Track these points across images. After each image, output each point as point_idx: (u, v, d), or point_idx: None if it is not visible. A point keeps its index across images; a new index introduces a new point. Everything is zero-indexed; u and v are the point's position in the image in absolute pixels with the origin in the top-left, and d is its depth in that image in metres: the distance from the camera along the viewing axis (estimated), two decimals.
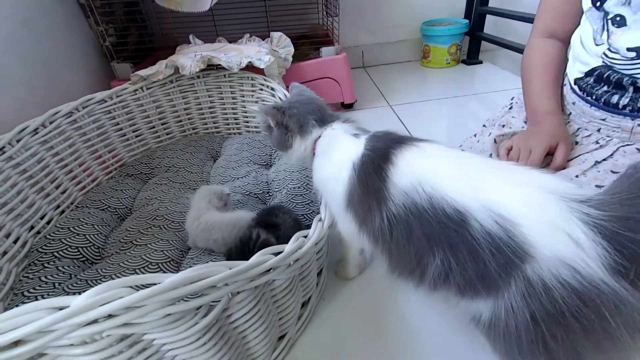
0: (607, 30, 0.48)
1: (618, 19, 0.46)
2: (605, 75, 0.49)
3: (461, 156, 0.37)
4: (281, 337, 0.49)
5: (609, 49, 0.48)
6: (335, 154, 0.46)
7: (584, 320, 0.26)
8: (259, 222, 0.55)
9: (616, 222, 0.26)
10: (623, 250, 0.25)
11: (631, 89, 0.47)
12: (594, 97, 0.51)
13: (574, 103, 0.56)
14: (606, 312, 0.25)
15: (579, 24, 0.56)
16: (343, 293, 0.58)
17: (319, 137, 0.49)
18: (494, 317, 0.31)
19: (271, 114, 0.50)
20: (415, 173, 0.35)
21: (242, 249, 0.50)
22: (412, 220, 0.34)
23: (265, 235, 0.51)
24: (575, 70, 0.54)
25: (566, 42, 0.59)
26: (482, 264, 0.30)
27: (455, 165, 0.35)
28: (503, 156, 0.54)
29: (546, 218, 0.28)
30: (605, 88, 0.50)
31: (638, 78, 0.46)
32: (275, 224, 0.54)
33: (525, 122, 0.61)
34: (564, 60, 0.60)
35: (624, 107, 0.48)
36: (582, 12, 0.53)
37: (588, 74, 0.52)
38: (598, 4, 0.48)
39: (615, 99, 0.49)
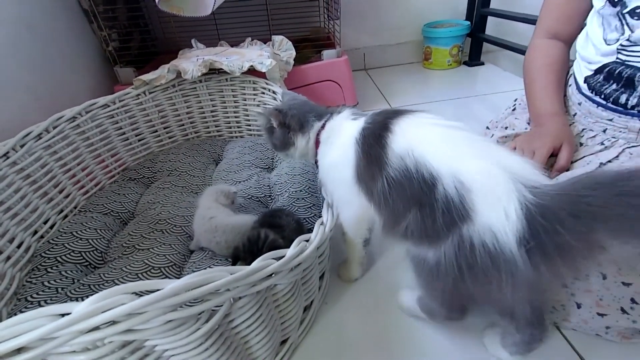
0: (627, 24, 0.47)
1: (638, 10, 0.45)
2: (616, 72, 0.48)
3: (450, 126, 0.40)
4: (283, 342, 0.49)
5: (623, 44, 0.47)
6: (339, 138, 0.49)
7: (487, 275, 0.32)
8: (262, 224, 0.55)
9: (539, 209, 0.30)
10: (531, 230, 0.30)
11: None
12: (602, 96, 0.51)
13: (579, 103, 0.55)
14: (504, 273, 0.31)
15: (582, 26, 0.55)
16: (345, 297, 0.58)
17: (321, 128, 0.52)
18: (435, 263, 0.36)
19: (274, 115, 0.53)
20: (408, 139, 0.39)
21: (250, 248, 0.50)
22: (404, 182, 0.37)
23: (273, 235, 0.51)
24: (583, 68, 0.54)
25: (569, 44, 0.59)
26: (434, 220, 0.35)
27: (442, 135, 0.39)
28: None
29: (493, 191, 0.32)
30: (614, 86, 0.49)
31: None
32: (279, 225, 0.55)
33: (529, 124, 0.61)
34: (567, 61, 0.59)
35: (633, 107, 0.47)
36: (586, 13, 0.53)
37: (598, 71, 0.51)
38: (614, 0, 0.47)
39: (623, 98, 0.48)
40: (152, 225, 0.64)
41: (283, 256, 0.39)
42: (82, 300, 0.27)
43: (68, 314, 0.26)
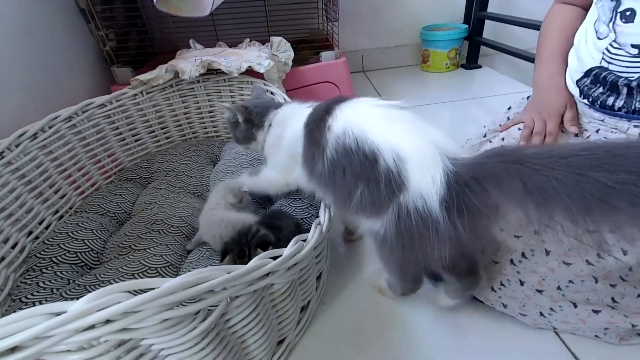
0: (614, 23, 0.47)
1: (628, 13, 0.45)
2: (601, 77, 0.49)
3: (386, 106, 0.43)
4: (280, 342, 0.49)
5: (611, 44, 0.48)
6: (292, 122, 0.54)
7: (422, 236, 0.37)
8: (261, 224, 0.55)
9: (454, 175, 0.35)
10: (449, 192, 0.35)
11: (625, 90, 0.47)
12: (590, 99, 0.51)
13: (575, 103, 0.56)
14: (432, 231, 0.36)
15: None
16: (342, 297, 0.58)
17: (275, 115, 0.58)
18: (382, 232, 0.40)
19: (240, 111, 0.59)
20: (347, 120, 0.42)
21: (239, 240, 0.50)
22: (345, 160, 0.41)
23: (265, 231, 0.51)
24: (574, 70, 0.55)
25: (587, 9, 0.57)
26: (379, 192, 0.38)
27: (378, 114, 0.42)
28: (523, 136, 0.54)
29: (424, 163, 0.37)
30: (601, 89, 0.50)
31: (633, 79, 0.46)
32: (278, 226, 0.54)
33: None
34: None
35: (620, 109, 0.48)
36: None
37: (586, 74, 0.52)
38: None
39: (610, 101, 0.49)
40: (149, 225, 0.64)
41: (280, 255, 0.39)
42: (73, 300, 0.27)
43: (63, 312, 0.26)
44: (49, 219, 0.65)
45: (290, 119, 0.55)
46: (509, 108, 0.68)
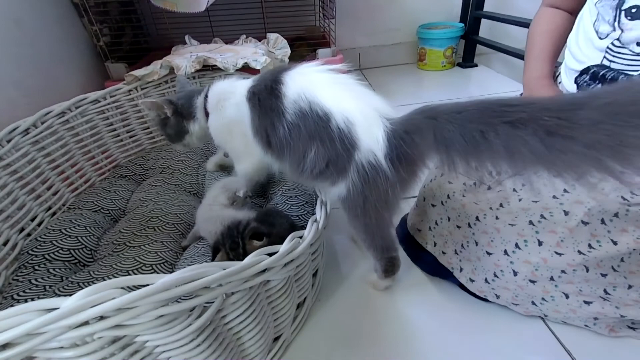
0: (619, 22, 0.47)
1: (634, 10, 0.45)
2: (600, 74, 0.49)
3: (331, 71, 0.47)
4: (276, 339, 0.48)
5: (613, 43, 0.48)
6: (229, 100, 0.55)
7: (376, 185, 0.42)
8: (255, 220, 0.54)
9: (392, 132, 0.41)
10: (390, 146, 0.41)
11: None
12: None
13: None
14: (382, 180, 0.41)
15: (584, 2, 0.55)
16: (338, 294, 0.58)
17: (205, 99, 0.57)
18: (347, 193, 0.45)
19: (166, 104, 0.58)
20: (299, 85, 0.46)
21: (230, 233, 0.50)
22: (301, 123, 0.44)
23: (256, 224, 0.51)
24: (570, 68, 0.55)
25: (573, 14, 0.59)
26: (336, 151, 0.43)
27: (326, 79, 0.46)
28: None
29: (368, 124, 0.42)
30: (599, 86, 0.50)
31: (634, 75, 0.46)
32: (271, 223, 0.54)
33: None
34: (569, 29, 0.59)
35: None
36: None
37: (584, 71, 0.52)
38: None
39: None
40: (144, 222, 0.63)
41: (276, 252, 0.39)
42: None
43: (56, 308, 0.26)
44: (41, 215, 0.64)
45: (226, 100, 0.55)
46: None
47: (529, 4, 1.56)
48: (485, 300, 0.52)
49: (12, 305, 0.47)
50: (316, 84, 0.45)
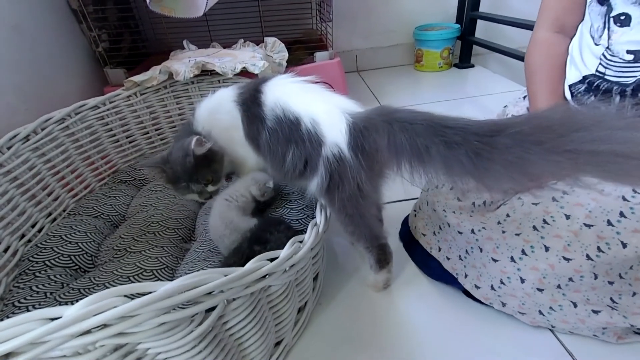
0: (609, 29, 0.47)
1: (622, 17, 0.45)
2: (594, 85, 0.49)
3: (303, 82, 0.53)
4: (277, 343, 0.49)
5: (606, 51, 0.48)
6: (220, 109, 0.58)
7: (340, 174, 0.46)
8: (251, 238, 0.53)
9: (354, 125, 0.46)
10: (352, 138, 0.45)
11: (617, 98, 0.47)
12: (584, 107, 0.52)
13: None
14: (344, 170, 0.46)
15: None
16: (339, 298, 0.58)
17: (202, 127, 0.58)
18: (320, 184, 0.49)
19: (199, 136, 0.54)
20: (275, 94, 0.51)
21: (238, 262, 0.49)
22: (278, 128, 0.50)
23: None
24: (571, 75, 0.54)
25: (572, 36, 0.56)
26: (308, 150, 0.48)
27: (297, 88, 0.52)
28: None
29: (332, 121, 0.47)
30: (592, 98, 0.50)
31: (628, 85, 0.46)
32: (266, 240, 0.52)
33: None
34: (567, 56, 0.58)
35: None
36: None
37: (581, 80, 0.52)
38: None
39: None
40: (144, 227, 0.63)
41: (277, 257, 0.39)
42: (72, 304, 0.27)
43: (59, 317, 0.26)
44: (42, 222, 0.64)
45: (217, 112, 0.58)
46: (505, 106, 0.68)
47: (524, 4, 1.58)
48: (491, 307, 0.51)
49: (13, 313, 0.48)
50: (288, 93, 0.51)
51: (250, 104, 0.54)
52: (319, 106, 0.49)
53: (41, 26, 0.94)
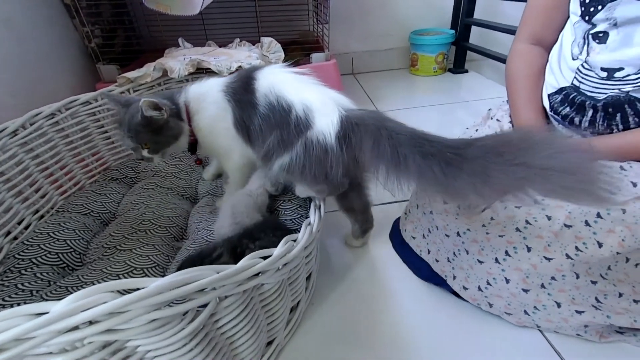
0: (588, 45, 0.49)
1: (601, 35, 0.47)
2: (570, 97, 0.51)
3: (297, 72, 0.54)
4: (269, 343, 0.48)
5: (582, 65, 0.49)
6: (207, 98, 0.58)
7: (321, 159, 0.49)
8: (241, 236, 0.51)
9: (346, 118, 0.48)
10: (342, 128, 0.48)
11: (590, 112, 0.49)
12: (560, 116, 0.53)
13: (549, 119, 0.57)
14: (328, 156, 0.48)
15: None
16: (332, 298, 0.58)
17: (186, 104, 0.58)
18: (289, 162, 0.51)
19: (165, 106, 0.55)
20: (269, 81, 0.53)
21: (197, 262, 0.47)
22: (271, 114, 0.51)
23: (227, 258, 0.48)
24: (548, 85, 0.56)
25: (549, 50, 0.59)
26: (288, 132, 0.50)
27: (292, 78, 0.54)
28: None
29: (325, 110, 0.49)
30: (568, 109, 0.51)
31: (600, 100, 0.47)
32: (257, 238, 0.51)
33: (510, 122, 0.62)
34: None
35: (586, 128, 0.50)
36: (566, 22, 0.54)
37: (558, 91, 0.53)
38: (587, 17, 0.48)
39: (577, 120, 0.50)
40: (135, 225, 0.62)
41: (270, 255, 0.39)
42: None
43: (45, 313, 0.25)
44: (28, 218, 0.63)
45: (204, 100, 0.58)
46: (489, 109, 0.70)
47: (517, 11, 1.60)
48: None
49: None
50: (283, 81, 0.53)
51: (242, 92, 0.55)
52: (315, 96, 0.51)
53: (33, 20, 0.92)
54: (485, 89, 1.43)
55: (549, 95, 0.55)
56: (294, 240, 0.44)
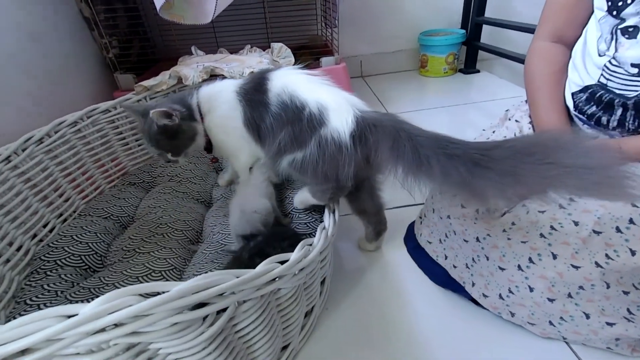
0: (616, 40, 0.47)
1: (631, 29, 0.45)
2: (597, 95, 0.49)
3: (310, 74, 0.55)
4: (284, 347, 0.49)
5: (610, 62, 0.47)
6: (219, 99, 0.60)
7: (334, 157, 0.49)
8: (253, 248, 0.52)
9: (361, 119, 0.49)
10: (358, 128, 0.49)
11: (620, 110, 0.47)
12: (585, 116, 0.51)
13: (572, 118, 0.56)
14: (343, 153, 0.49)
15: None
16: (346, 302, 0.58)
17: (199, 104, 0.60)
18: (302, 159, 0.52)
19: (175, 110, 0.56)
20: (282, 81, 0.54)
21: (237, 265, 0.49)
22: (283, 112, 0.52)
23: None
24: (572, 83, 0.54)
25: (571, 48, 0.56)
26: (301, 130, 0.51)
27: (305, 78, 0.54)
28: None
29: (340, 110, 0.50)
30: (594, 108, 0.50)
31: (630, 98, 0.45)
32: (267, 255, 0.52)
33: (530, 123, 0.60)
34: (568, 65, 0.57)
35: (614, 128, 0.48)
36: (589, 19, 0.52)
37: (583, 90, 0.51)
38: (615, 12, 0.46)
39: (605, 119, 0.49)
40: (153, 229, 0.64)
41: (287, 260, 0.40)
42: (83, 303, 0.27)
43: (75, 315, 0.27)
44: (53, 222, 0.65)
45: (216, 100, 0.60)
46: (507, 110, 0.68)
47: (529, 9, 1.58)
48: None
49: (25, 311, 0.49)
50: (297, 81, 0.54)
51: (254, 92, 0.56)
52: (329, 95, 0.52)
53: (55, 33, 0.96)
54: (498, 89, 1.41)
55: (572, 94, 0.53)
56: (310, 245, 0.44)
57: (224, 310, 0.35)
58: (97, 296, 0.30)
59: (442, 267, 0.58)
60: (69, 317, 0.27)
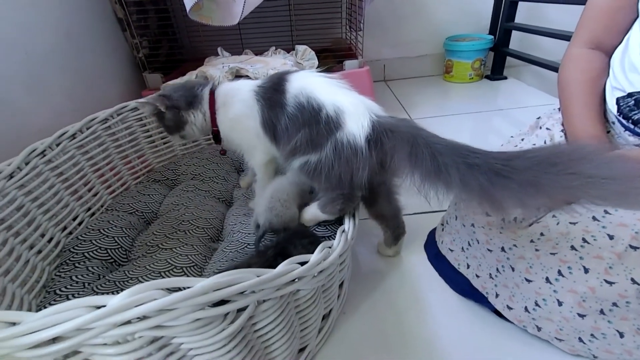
0: None
1: None
2: None
3: (328, 77, 0.56)
4: (301, 350, 0.48)
5: None
6: (236, 97, 0.60)
7: (350, 161, 0.49)
8: (276, 247, 0.53)
9: (377, 124, 0.49)
10: (374, 133, 0.49)
11: None
12: (630, 121, 0.48)
13: (613, 122, 0.53)
14: (358, 156, 0.49)
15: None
16: (364, 307, 0.57)
17: (212, 95, 0.61)
18: (317, 162, 0.52)
19: (159, 100, 0.60)
20: (300, 83, 0.54)
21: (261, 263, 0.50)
22: (299, 114, 0.52)
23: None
24: (616, 89, 0.51)
25: (610, 55, 0.54)
26: (317, 132, 0.51)
27: (323, 81, 0.55)
28: None
29: (357, 113, 0.50)
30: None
31: None
32: (289, 254, 0.50)
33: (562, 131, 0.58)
34: (607, 73, 0.55)
35: None
36: (632, 24, 0.49)
37: (630, 94, 0.49)
38: None
39: None
40: (176, 225, 0.66)
41: (307, 262, 0.39)
42: (108, 295, 0.28)
43: (103, 306, 0.27)
44: (82, 215, 0.68)
45: (233, 97, 0.61)
46: (539, 118, 0.66)
47: (561, 15, 1.52)
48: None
49: (55, 300, 0.50)
50: (315, 83, 0.54)
51: (272, 92, 0.56)
52: (346, 99, 0.52)
53: (89, 33, 1.01)
54: (525, 96, 1.36)
55: (618, 99, 0.50)
56: (330, 247, 0.44)
57: (244, 309, 0.35)
58: (122, 289, 0.31)
59: (464, 275, 0.56)
60: (98, 307, 0.27)
